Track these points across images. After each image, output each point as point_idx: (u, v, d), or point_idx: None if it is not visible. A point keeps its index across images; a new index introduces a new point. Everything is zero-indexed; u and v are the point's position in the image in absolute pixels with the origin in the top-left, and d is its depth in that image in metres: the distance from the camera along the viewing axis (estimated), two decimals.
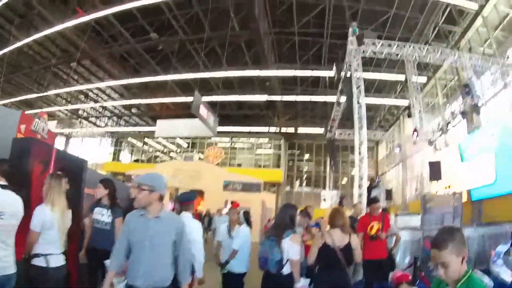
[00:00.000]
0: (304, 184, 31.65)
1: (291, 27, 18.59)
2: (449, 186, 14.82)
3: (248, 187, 21.29)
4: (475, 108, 13.88)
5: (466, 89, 13.98)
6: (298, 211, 4.63)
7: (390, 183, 25.36)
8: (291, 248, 3.67)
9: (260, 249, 3.89)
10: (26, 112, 8.07)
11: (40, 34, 17.69)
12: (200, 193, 17.39)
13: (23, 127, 5.02)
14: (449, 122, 16.78)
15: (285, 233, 3.73)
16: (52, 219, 3.28)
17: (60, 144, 30.02)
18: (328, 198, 23.98)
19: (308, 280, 3.96)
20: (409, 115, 17.35)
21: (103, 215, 4.28)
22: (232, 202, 7.10)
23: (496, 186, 11.65)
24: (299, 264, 3.75)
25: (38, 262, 3.22)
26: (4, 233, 2.83)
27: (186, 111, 23.80)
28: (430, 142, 17.41)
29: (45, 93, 23.37)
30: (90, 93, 26.14)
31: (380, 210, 5.82)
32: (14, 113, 5.27)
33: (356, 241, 4.06)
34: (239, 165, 29.79)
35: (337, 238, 3.90)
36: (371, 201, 6.19)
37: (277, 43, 20.66)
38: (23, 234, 3.14)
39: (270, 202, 22.41)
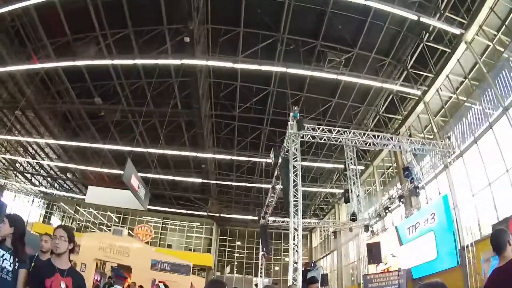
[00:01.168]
0: (235, 271, 30.67)
1: (233, 110, 19.14)
2: (388, 269, 15.08)
3: (177, 268, 20.12)
4: (414, 191, 14.42)
5: (405, 172, 14.47)
6: None
7: (325, 269, 25.18)
8: None
9: None
10: None
11: None
12: (128, 270, 16.26)
13: None
14: (386, 207, 17.07)
15: None
16: None
17: None
18: (261, 284, 23.16)
19: None
20: (347, 201, 17.26)
21: (3, 260, 3.24)
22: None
23: (438, 262, 12.32)
24: None
25: None
26: None
27: (121, 185, 23.01)
28: (367, 228, 17.76)
29: None
30: (29, 148, 24.89)
31: None
32: None
33: None
34: (169, 246, 28.56)
35: None
36: (310, 281, 6.09)
37: (216, 127, 21.15)
38: None
39: (199, 285, 21.11)
